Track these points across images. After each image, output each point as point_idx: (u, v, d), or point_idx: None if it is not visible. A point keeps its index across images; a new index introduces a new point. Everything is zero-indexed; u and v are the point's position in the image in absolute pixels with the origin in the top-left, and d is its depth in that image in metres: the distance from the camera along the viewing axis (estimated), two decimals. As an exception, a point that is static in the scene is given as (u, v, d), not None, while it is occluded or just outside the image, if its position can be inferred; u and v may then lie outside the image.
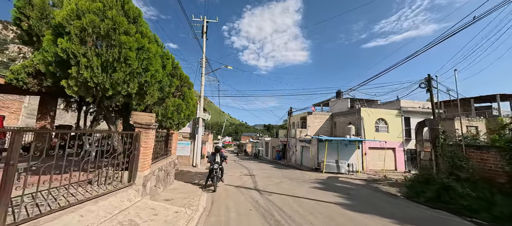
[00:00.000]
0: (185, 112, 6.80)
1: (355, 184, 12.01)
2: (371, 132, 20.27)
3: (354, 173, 17.12)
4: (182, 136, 16.55)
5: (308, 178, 13.16)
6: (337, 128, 24.11)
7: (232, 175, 13.12)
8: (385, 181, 14.13)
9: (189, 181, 10.17)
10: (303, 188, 9.45)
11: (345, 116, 22.84)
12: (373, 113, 20.51)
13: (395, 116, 20.97)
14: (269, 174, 14.29)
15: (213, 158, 8.69)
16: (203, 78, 16.70)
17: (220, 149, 8.92)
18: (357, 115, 20.47)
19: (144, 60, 4.66)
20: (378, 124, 20.78)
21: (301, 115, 26.70)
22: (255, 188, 9.18)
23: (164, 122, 6.07)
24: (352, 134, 20.20)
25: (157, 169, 6.36)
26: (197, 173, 13.42)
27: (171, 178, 8.58)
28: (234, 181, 10.69)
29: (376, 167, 20.10)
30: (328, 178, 13.79)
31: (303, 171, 17.15)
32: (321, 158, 18.64)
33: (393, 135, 20.49)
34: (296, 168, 19.93)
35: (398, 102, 21.71)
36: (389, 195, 9.10)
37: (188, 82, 7.01)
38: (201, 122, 16.41)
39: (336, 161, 17.02)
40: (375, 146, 20.03)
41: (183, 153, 16.20)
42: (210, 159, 8.64)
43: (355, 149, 19.58)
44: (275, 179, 12.14)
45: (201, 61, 16.95)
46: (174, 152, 9.32)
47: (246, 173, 14.43)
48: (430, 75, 14.00)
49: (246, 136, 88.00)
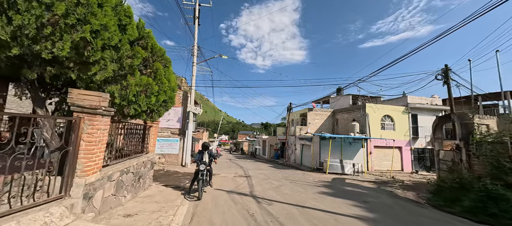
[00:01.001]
0: (160, 96, 5.12)
1: (365, 187, 10.50)
2: (377, 130, 18.83)
3: (360, 174, 15.66)
4: (170, 131, 14.84)
5: (311, 180, 11.61)
6: (340, 125, 22.64)
7: (225, 176, 11.49)
8: (396, 183, 12.69)
9: (173, 184, 8.52)
10: (308, 193, 7.88)
11: (348, 113, 21.37)
12: (379, 109, 19.06)
13: (402, 112, 19.57)
14: (267, 175, 12.71)
15: (199, 156, 7.07)
16: (195, 68, 14.99)
17: (208, 146, 7.29)
18: (362, 111, 19.00)
19: (80, 5, 3.00)
20: (384, 121, 19.35)
21: (301, 111, 25.17)
22: (251, 193, 7.57)
23: (126, 107, 4.39)
24: (357, 132, 18.73)
25: (118, 173, 4.69)
26: (186, 173, 11.76)
27: (146, 182, 6.91)
28: (227, 184, 9.07)
29: (382, 167, 18.71)
30: (333, 179, 12.27)
31: (304, 172, 15.61)
32: (324, 157, 17.15)
33: (400, 133, 19.09)
34: (296, 167, 18.40)
35: (404, 98, 20.31)
36: (411, 203, 7.59)
37: (164, 57, 5.32)
38: (192, 116, 14.71)
39: (341, 161, 15.52)
40: (381, 144, 18.61)
41: (170, 151, 14.50)
42: (195, 158, 7.01)
43: (359, 147, 18.13)
44: (274, 181, 10.56)
45: (192, 49, 15.23)
46: (152, 150, 7.64)
47: (241, 174, 12.82)
48: (448, 65, 12.54)
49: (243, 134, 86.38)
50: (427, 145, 19.68)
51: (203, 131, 41.00)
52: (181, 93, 15.37)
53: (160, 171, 12.36)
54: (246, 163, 21.60)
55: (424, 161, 19.59)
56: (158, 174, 11.33)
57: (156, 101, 5.03)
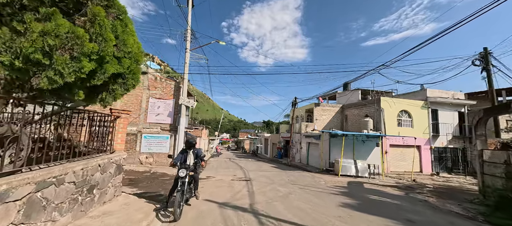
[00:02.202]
0: (108, 66, 3.22)
1: (391, 194, 8.57)
2: (393, 126, 16.83)
3: (376, 176, 13.72)
4: (160, 127, 12.99)
5: (324, 185, 9.70)
6: (349, 122, 20.67)
7: (221, 180, 9.62)
8: (423, 189, 10.75)
9: (153, 192, 6.67)
10: (328, 207, 5.98)
11: (360, 108, 19.37)
12: (395, 104, 17.04)
13: (421, 107, 17.54)
14: (270, 178, 10.82)
15: (181, 158, 5.22)
16: (188, 55, 13.08)
17: (194, 143, 5.42)
18: (377, 106, 16.99)
19: None
20: (401, 116, 17.33)
21: (307, 106, 23.21)
22: (252, 207, 5.68)
23: (30, 73, 2.50)
24: (370, 129, 16.76)
25: (28, 186, 2.82)
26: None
27: (108, 192, 5.05)
28: (221, 193, 7.19)
29: (398, 168, 16.74)
30: (349, 184, 10.35)
31: (312, 174, 13.69)
32: (334, 157, 15.22)
33: (418, 130, 17.07)
34: (302, 168, 16.50)
35: (423, 92, 18.26)
36: (466, 220, 5.65)
37: (115, 4, 3.42)
38: (184, 110, 12.84)
39: (354, 162, 13.58)
40: (398, 143, 16.63)
41: (160, 150, 12.65)
42: (175, 160, 5.13)
43: (374, 146, 16.18)
44: (280, 187, 8.66)
45: (185, 34, 13.31)
46: (119, 148, 5.78)
47: (241, 177, 10.94)
48: (487, 49, 10.50)
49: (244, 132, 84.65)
50: (448, 144, 17.66)
51: (202, 128, 39.17)
52: (173, 84, 13.49)
53: (145, 173, 10.53)
54: (247, 163, 19.73)
55: (445, 161, 17.57)
56: (141, 177, 9.50)
57: (99, 71, 3.12)
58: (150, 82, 13.28)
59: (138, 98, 13.09)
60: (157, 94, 13.29)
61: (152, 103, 13.16)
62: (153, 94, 13.25)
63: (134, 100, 13.05)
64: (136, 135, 12.63)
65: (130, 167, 11.57)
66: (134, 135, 12.61)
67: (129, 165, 12.05)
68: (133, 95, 13.07)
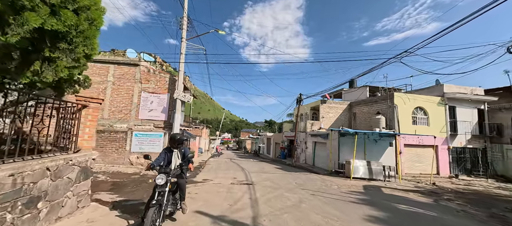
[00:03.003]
0: (29, 16, 1.98)
1: (419, 202, 7.28)
2: (407, 124, 15.49)
3: (392, 179, 12.40)
4: (153, 124, 11.79)
5: (337, 190, 8.43)
6: (358, 120, 19.34)
7: (219, 184, 8.38)
8: (449, 194, 9.44)
9: (133, 200, 5.46)
10: (351, 221, 4.72)
11: (370, 105, 18.03)
12: (410, 100, 15.69)
13: (437, 104, 16.16)
14: (275, 182, 9.56)
15: (164, 158, 4.02)
16: (184, 45, 11.87)
17: (182, 140, 4.20)
18: (390, 102, 15.65)
19: None
20: (416, 114, 15.98)
21: (312, 104, 21.91)
22: (255, 222, 4.43)
23: None
24: (382, 127, 15.43)
25: None
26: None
27: (67, 203, 3.83)
28: (217, 200, 5.95)
29: (413, 169, 15.39)
30: (366, 189, 9.06)
31: (321, 176, 12.40)
32: (344, 157, 13.92)
33: (435, 129, 15.71)
34: (308, 169, 15.22)
35: (440, 87, 16.88)
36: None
37: None
38: (180, 105, 11.63)
39: (368, 163, 12.26)
40: (413, 142, 15.29)
41: (152, 149, 11.45)
42: (155, 162, 3.88)
43: (387, 146, 14.84)
44: (288, 193, 7.41)
45: (181, 21, 12.10)
46: (87, 146, 4.55)
47: (242, 180, 9.69)
48: (525, 34, 9.03)
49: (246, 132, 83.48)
50: (467, 143, 16.27)
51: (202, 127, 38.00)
52: (167, 77, 12.29)
53: (134, 175, 9.33)
54: (249, 164, 18.49)
55: (464, 162, 16.17)
56: (128, 180, 8.30)
57: (13, 21, 1.89)
58: (142, 75, 12.09)
59: (129, 92, 11.91)
60: (150, 88, 12.10)
61: (145, 98, 11.97)
62: (145, 88, 12.06)
63: (125, 94, 11.87)
64: (126, 132, 11.44)
65: (118, 169, 10.38)
66: (124, 133, 11.42)
67: (118, 166, 10.86)
68: (124, 88, 11.90)
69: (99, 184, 7.19)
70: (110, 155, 11.11)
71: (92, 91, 11.66)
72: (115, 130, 11.39)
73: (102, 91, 11.72)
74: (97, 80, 11.74)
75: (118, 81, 11.90)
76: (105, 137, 11.24)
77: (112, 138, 11.27)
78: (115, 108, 11.73)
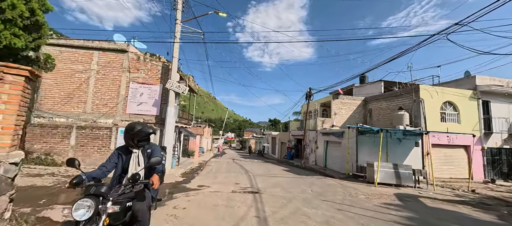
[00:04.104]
0: None
1: (480, 220, 5.43)
2: (435, 121, 13.53)
3: (424, 185, 10.50)
4: (143, 120, 10.14)
5: (367, 201, 6.62)
6: (374, 117, 17.40)
7: (217, 192, 6.65)
8: (502, 204, 7.54)
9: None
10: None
11: (390, 100, 16.07)
12: (438, 94, 13.70)
13: (469, 98, 14.14)
14: (286, 188, 7.80)
15: (113, 166, 2.30)
16: (178, 27, 10.20)
17: (145, 133, 2.49)
18: (415, 96, 13.68)
19: None
20: (445, 109, 13.99)
21: (323, 100, 20.03)
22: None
23: None
24: (406, 124, 13.50)
25: None
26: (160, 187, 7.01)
27: None
28: (211, 220, 4.23)
29: (442, 173, 13.39)
30: (401, 199, 7.22)
31: (339, 181, 10.57)
32: (363, 159, 12.07)
33: (466, 126, 13.70)
34: (321, 172, 13.40)
35: (471, 80, 14.84)
36: None
37: None
38: (173, 97, 9.97)
39: (395, 166, 10.38)
40: (441, 142, 13.31)
41: (141, 148, 9.82)
42: (82, 176, 2.09)
43: (412, 146, 12.95)
44: (306, 205, 5.64)
45: (175, 1, 10.42)
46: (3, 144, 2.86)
47: (246, 186, 7.96)
48: None
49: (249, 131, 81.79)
50: (503, 143, 14.21)
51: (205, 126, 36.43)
52: (160, 65, 10.65)
53: (115, 180, 7.65)
54: (253, 165, 16.76)
55: (501, 165, 14.11)
56: (104, 186, 6.57)
57: None
58: (131, 63, 10.47)
59: (115, 82, 10.31)
60: (139, 78, 10.47)
61: (134, 90, 10.35)
62: (134, 78, 10.44)
63: (111, 85, 10.27)
64: (110, 129, 9.83)
65: (100, 171, 8.77)
66: (108, 130, 9.81)
67: (100, 168, 9.27)
68: (109, 78, 10.30)
69: (61, 193, 5.55)
70: (91, 155, 9.52)
71: (73, 81, 10.11)
72: (98, 126, 9.80)
73: (84, 82, 10.15)
74: (79, 69, 10.18)
75: (103, 70, 10.31)
76: (86, 134, 9.65)
77: (94, 135, 9.67)
78: (99, 101, 10.14)
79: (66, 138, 9.48)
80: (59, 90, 9.99)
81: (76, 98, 10.04)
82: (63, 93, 10.00)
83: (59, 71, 10.07)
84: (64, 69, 10.11)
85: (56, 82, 10.01)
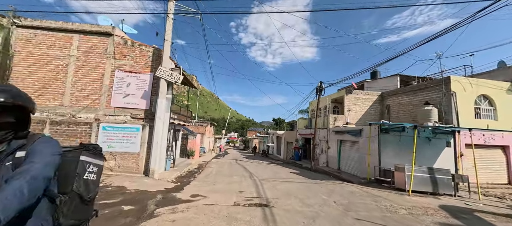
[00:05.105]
0: None
1: None
2: (468, 118, 11.74)
3: (465, 193, 8.77)
4: (130, 114, 8.63)
5: (410, 217, 4.96)
6: (393, 113, 15.63)
7: (214, 206, 5.07)
8: None
9: None
10: None
11: (412, 94, 14.28)
12: (473, 86, 11.89)
13: (506, 91, 12.30)
14: (303, 199, 6.17)
15: None
16: (172, 5, 8.65)
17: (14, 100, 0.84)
18: (445, 89, 11.89)
19: None
20: (479, 104, 12.17)
21: (334, 95, 18.31)
22: None
23: None
24: (435, 121, 11.73)
25: None
26: (138, 195, 5.51)
27: None
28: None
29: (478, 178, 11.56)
30: (450, 212, 5.54)
31: (361, 187, 8.88)
32: (387, 161, 10.37)
33: (504, 124, 11.87)
34: (335, 176, 11.73)
35: (507, 70, 13.01)
36: None
37: None
38: (165, 87, 8.44)
39: (431, 171, 8.66)
40: (476, 142, 11.48)
41: (126, 148, 8.30)
42: None
43: (443, 146, 11.19)
44: None
45: (168, -24, 8.87)
46: None
47: (251, 195, 6.35)
48: None
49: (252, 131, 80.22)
50: (547, 144, 12.29)
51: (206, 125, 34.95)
52: (150, 51, 9.12)
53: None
54: (258, 167, 15.15)
55: (545, 169, 12.21)
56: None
57: None
58: (116, 48, 8.96)
59: (98, 71, 8.81)
60: (126, 65, 8.96)
61: (120, 79, 8.84)
62: (121, 65, 8.93)
63: (93, 74, 8.78)
64: (90, 124, 8.33)
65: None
66: (87, 125, 8.31)
67: (76, 171, 7.79)
68: (91, 66, 8.81)
69: None
70: (67, 155, 8.04)
71: (49, 69, 8.65)
72: (77, 122, 8.30)
73: (62, 70, 8.68)
74: (56, 55, 8.71)
75: (84, 56, 8.83)
76: (61, 131, 8.17)
77: (71, 132, 8.19)
78: (79, 93, 8.66)
79: (37, 135, 8.02)
80: (33, 80, 8.54)
81: (52, 89, 8.58)
82: (38, 83, 8.55)
83: (33, 57, 8.64)
84: (39, 55, 8.66)
85: (29, 70, 8.57)
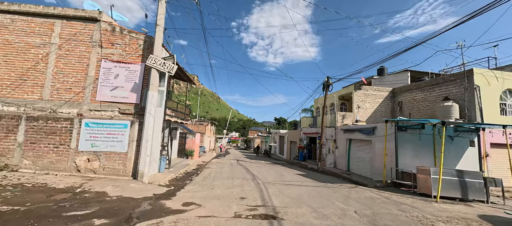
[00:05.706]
0: None
1: None
2: (494, 115, 10.64)
3: (499, 200, 7.70)
4: (118, 109, 7.66)
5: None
6: (405, 110, 14.54)
7: (210, 219, 4.07)
8: None
9: None
10: None
11: (428, 89, 13.17)
12: (499, 80, 10.78)
13: (535, 85, 11.15)
14: (316, 208, 5.16)
15: None
16: (164, -13, 7.67)
17: None
18: (467, 83, 10.80)
19: None
20: (505, 99, 11.06)
21: (341, 91, 17.23)
22: None
23: None
24: (456, 118, 10.65)
25: None
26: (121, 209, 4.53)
27: None
28: None
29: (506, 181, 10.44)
30: (492, 222, 4.48)
31: (377, 191, 7.83)
32: (404, 161, 9.32)
33: (532, 121, 10.72)
34: (346, 178, 10.69)
35: (533, 62, 11.83)
36: None
37: None
38: (157, 78, 7.45)
39: (460, 173, 7.59)
40: (501, 141, 10.41)
41: (112, 148, 7.33)
42: None
43: (466, 146, 10.10)
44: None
45: (160, -46, 7.88)
46: None
47: (255, 202, 5.36)
48: None
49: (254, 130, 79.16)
50: None
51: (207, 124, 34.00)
52: (141, 39, 8.14)
53: (64, 192, 5.19)
54: (261, 168, 14.14)
55: None
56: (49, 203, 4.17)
57: None
58: (103, 35, 8.00)
59: (82, 60, 7.85)
60: (114, 54, 7.99)
61: (106, 70, 7.87)
62: (108, 55, 7.96)
63: (77, 64, 7.83)
64: (71, 120, 7.37)
65: (52, 178, 6.30)
66: (67, 121, 7.35)
67: (54, 173, 6.82)
68: (75, 55, 7.86)
69: None
70: (45, 155, 7.08)
71: (28, 58, 7.71)
72: (56, 117, 7.35)
73: (42, 59, 7.73)
74: (35, 43, 7.77)
75: (67, 44, 7.88)
76: (39, 128, 7.22)
77: (50, 129, 7.24)
78: (61, 85, 7.71)
79: (11, 133, 7.08)
80: (9, 71, 7.61)
81: (31, 81, 7.64)
82: (14, 74, 7.62)
83: (10, 45, 7.70)
84: (17, 43, 7.73)
85: (5, 60, 7.64)
